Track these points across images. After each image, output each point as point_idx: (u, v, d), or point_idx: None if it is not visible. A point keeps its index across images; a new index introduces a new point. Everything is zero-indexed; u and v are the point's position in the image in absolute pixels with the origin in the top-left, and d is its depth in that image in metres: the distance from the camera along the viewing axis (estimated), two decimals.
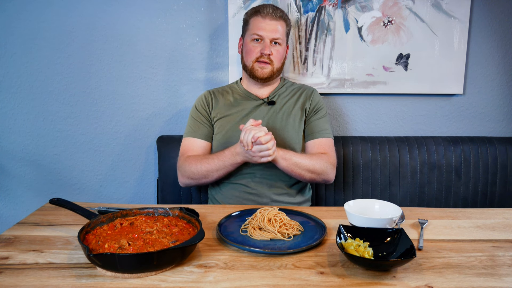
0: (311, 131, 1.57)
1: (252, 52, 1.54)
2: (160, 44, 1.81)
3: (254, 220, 1.10)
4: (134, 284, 0.84)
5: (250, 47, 1.55)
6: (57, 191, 1.89)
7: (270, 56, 1.53)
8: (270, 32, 1.53)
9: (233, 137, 1.51)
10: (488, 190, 1.78)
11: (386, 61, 1.83)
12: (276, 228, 1.06)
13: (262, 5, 1.57)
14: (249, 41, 1.55)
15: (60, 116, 1.84)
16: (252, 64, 1.55)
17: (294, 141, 1.54)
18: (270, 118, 1.55)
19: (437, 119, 1.93)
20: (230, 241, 1.01)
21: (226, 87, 1.67)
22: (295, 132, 1.55)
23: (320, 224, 1.13)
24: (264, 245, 1.01)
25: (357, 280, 0.87)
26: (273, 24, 1.53)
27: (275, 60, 1.55)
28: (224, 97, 1.61)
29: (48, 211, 1.24)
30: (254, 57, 1.54)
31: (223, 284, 0.85)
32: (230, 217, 1.18)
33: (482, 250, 1.01)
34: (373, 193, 1.78)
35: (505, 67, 1.89)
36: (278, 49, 1.55)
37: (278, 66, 1.57)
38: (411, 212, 1.27)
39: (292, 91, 1.63)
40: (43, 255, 0.96)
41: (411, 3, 1.78)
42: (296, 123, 1.56)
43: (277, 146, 1.48)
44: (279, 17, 1.54)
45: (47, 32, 1.76)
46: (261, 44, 1.54)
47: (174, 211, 1.10)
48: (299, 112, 1.58)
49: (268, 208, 1.13)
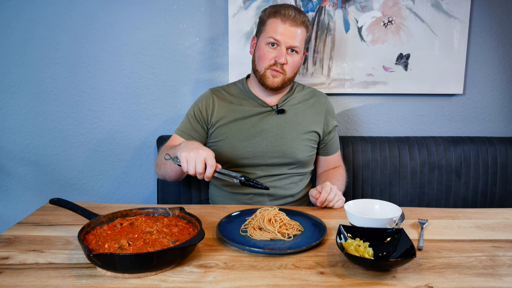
0: (327, 148, 1.58)
1: (266, 58, 1.41)
2: (160, 44, 1.81)
3: (254, 220, 1.10)
4: (134, 284, 0.84)
5: (264, 51, 1.41)
6: (57, 191, 1.89)
7: (284, 65, 1.41)
8: (288, 39, 1.38)
9: (238, 148, 1.45)
10: (488, 190, 1.78)
11: (386, 61, 1.83)
12: (276, 228, 1.06)
13: (284, 6, 1.41)
14: (264, 44, 1.41)
15: (60, 116, 1.84)
16: (264, 71, 1.42)
17: (303, 156, 1.48)
18: (279, 128, 1.47)
19: (437, 119, 1.93)
20: (230, 241, 1.01)
21: (231, 87, 1.56)
22: (306, 146, 1.49)
23: (320, 224, 1.13)
24: (264, 245, 1.01)
25: (357, 280, 0.87)
26: (293, 30, 1.38)
27: (288, 70, 1.42)
28: (229, 101, 1.51)
29: (48, 211, 1.24)
30: (267, 64, 1.41)
31: (223, 284, 0.85)
32: (230, 217, 1.18)
33: (482, 250, 1.01)
34: (373, 193, 1.78)
35: (505, 67, 1.89)
36: (295, 58, 1.42)
37: (290, 75, 1.45)
38: (411, 212, 1.27)
39: (303, 99, 1.54)
40: (43, 255, 0.96)
41: (411, 3, 1.78)
42: (307, 136, 1.49)
43: (285, 161, 1.46)
44: (301, 23, 1.39)
45: (47, 32, 1.76)
46: (277, 50, 1.40)
47: (174, 211, 1.10)
48: (311, 124, 1.50)
49: (268, 208, 1.13)
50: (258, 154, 1.45)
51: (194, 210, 1.24)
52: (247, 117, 1.47)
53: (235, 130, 1.46)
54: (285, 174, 1.49)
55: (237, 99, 1.51)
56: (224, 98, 1.52)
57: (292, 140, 1.47)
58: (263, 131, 1.46)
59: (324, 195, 1.27)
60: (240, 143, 1.45)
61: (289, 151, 1.46)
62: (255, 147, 1.45)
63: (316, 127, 1.51)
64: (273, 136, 1.46)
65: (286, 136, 1.46)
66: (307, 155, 1.50)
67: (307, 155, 1.50)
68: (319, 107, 1.54)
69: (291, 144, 1.46)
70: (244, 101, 1.51)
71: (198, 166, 1.14)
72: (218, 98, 1.51)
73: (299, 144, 1.47)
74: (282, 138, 1.46)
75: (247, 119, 1.47)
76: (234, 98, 1.52)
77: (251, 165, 1.47)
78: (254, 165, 1.47)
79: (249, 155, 1.45)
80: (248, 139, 1.45)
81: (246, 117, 1.47)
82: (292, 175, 1.50)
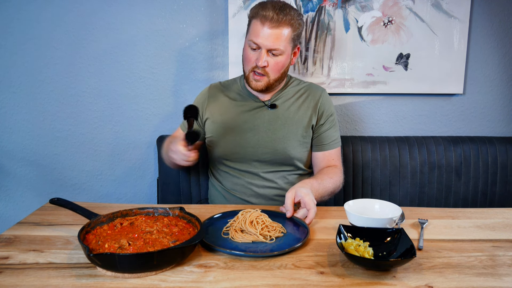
0: (320, 142, 1.48)
1: (248, 61, 1.39)
2: (160, 44, 1.81)
3: (236, 222, 1.09)
4: (134, 284, 0.84)
5: (247, 53, 1.39)
6: (57, 191, 1.89)
7: (266, 68, 1.37)
8: (267, 41, 1.33)
9: (230, 143, 1.45)
10: (488, 190, 1.78)
11: (386, 61, 1.83)
12: (258, 231, 1.05)
13: (265, 5, 1.35)
14: (247, 46, 1.39)
15: (60, 116, 1.84)
16: (248, 73, 1.41)
17: (295, 152, 1.45)
18: (270, 124, 1.44)
19: (437, 119, 1.93)
20: (212, 244, 0.99)
21: (231, 83, 1.56)
22: (298, 142, 1.45)
23: (302, 225, 1.12)
24: (246, 247, 1.00)
25: (357, 280, 0.87)
26: (272, 33, 1.32)
27: (271, 72, 1.38)
28: (224, 94, 1.51)
29: (48, 211, 1.24)
30: (250, 66, 1.39)
31: (223, 284, 0.85)
32: (212, 219, 1.16)
33: (482, 250, 1.02)
34: (373, 193, 1.78)
35: (505, 67, 1.89)
36: (277, 60, 1.37)
37: (275, 77, 1.40)
38: (411, 212, 1.27)
39: (297, 93, 1.50)
40: (43, 255, 0.96)
41: (411, 3, 1.78)
42: (300, 131, 1.45)
43: (277, 157, 1.45)
44: (282, 23, 1.32)
45: (46, 32, 1.76)
46: (257, 53, 1.36)
47: (174, 211, 1.10)
48: (304, 119, 1.46)
49: (250, 210, 1.12)
50: (250, 149, 1.45)
51: (194, 210, 1.24)
52: (240, 112, 1.48)
53: (227, 125, 1.47)
54: (279, 171, 1.47)
55: (232, 94, 1.52)
56: (219, 94, 1.53)
57: (284, 136, 1.44)
58: (255, 126, 1.46)
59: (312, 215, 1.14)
60: (232, 138, 1.46)
61: (279, 146, 1.44)
62: (247, 142, 1.45)
63: (309, 121, 1.47)
64: (265, 132, 1.44)
65: (277, 131, 1.44)
66: (299, 151, 1.46)
67: (299, 151, 1.46)
68: (313, 100, 1.49)
69: (283, 140, 1.44)
70: (239, 96, 1.51)
71: (183, 162, 1.28)
72: (213, 95, 1.53)
73: (291, 140, 1.44)
74: (273, 134, 1.44)
75: (241, 115, 1.47)
76: (230, 93, 1.53)
77: (243, 160, 1.47)
78: (246, 160, 1.47)
79: (241, 150, 1.45)
80: (240, 134, 1.46)
81: (239, 112, 1.48)
82: (289, 174, 1.48)
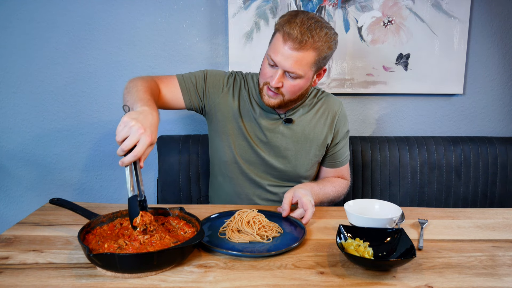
0: (334, 160, 1.46)
1: (264, 75, 1.27)
2: (160, 44, 1.81)
3: (232, 222, 1.09)
4: (134, 284, 0.84)
5: (264, 67, 1.27)
6: (57, 191, 1.89)
7: (280, 88, 1.25)
8: (285, 62, 1.19)
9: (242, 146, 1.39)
10: (488, 190, 1.78)
11: (386, 61, 1.83)
12: (255, 231, 1.05)
13: (293, 19, 1.18)
14: (265, 59, 1.26)
15: (60, 116, 1.84)
16: (262, 86, 1.30)
17: (305, 171, 1.42)
18: (285, 141, 1.38)
19: (437, 119, 1.93)
20: (208, 244, 0.99)
21: (250, 79, 1.42)
22: (309, 162, 1.42)
23: (299, 225, 1.13)
24: (243, 247, 1.00)
25: (357, 280, 0.87)
26: (293, 55, 1.18)
27: (286, 93, 1.26)
28: (240, 94, 1.40)
29: (48, 211, 1.24)
30: (264, 81, 1.28)
31: (223, 284, 0.85)
32: (209, 219, 1.16)
33: (482, 250, 1.02)
34: (373, 193, 1.78)
35: (505, 67, 1.89)
36: (294, 83, 1.23)
37: (291, 98, 1.28)
38: (411, 212, 1.27)
39: (314, 108, 1.41)
40: (43, 255, 0.96)
41: (411, 3, 1.78)
42: (313, 151, 1.41)
43: (285, 175, 1.41)
44: (305, 45, 1.16)
45: (46, 32, 1.76)
46: (273, 71, 1.23)
47: (174, 211, 1.10)
48: (319, 138, 1.40)
49: (247, 210, 1.12)
50: (259, 160, 1.41)
51: (194, 210, 1.24)
52: (253, 119, 1.39)
53: (239, 133, 1.40)
54: (285, 186, 1.43)
55: (248, 94, 1.40)
56: (236, 87, 1.41)
57: (296, 154, 1.40)
58: (268, 141, 1.39)
59: (309, 215, 1.14)
60: (244, 143, 1.40)
61: (289, 165, 1.40)
62: (257, 152, 1.40)
63: (324, 140, 1.41)
64: (277, 146, 1.39)
65: (289, 150, 1.39)
66: (309, 170, 1.44)
67: (309, 170, 1.44)
68: (330, 116, 1.42)
69: (294, 158, 1.40)
70: (254, 102, 1.40)
71: (127, 143, 0.98)
72: (232, 87, 1.40)
73: (302, 158, 1.40)
74: (285, 150, 1.39)
75: (253, 123, 1.39)
76: (245, 92, 1.41)
77: (252, 167, 1.42)
78: (253, 170, 1.42)
79: (251, 157, 1.41)
80: (253, 141, 1.40)
81: (252, 119, 1.39)
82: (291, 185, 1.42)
